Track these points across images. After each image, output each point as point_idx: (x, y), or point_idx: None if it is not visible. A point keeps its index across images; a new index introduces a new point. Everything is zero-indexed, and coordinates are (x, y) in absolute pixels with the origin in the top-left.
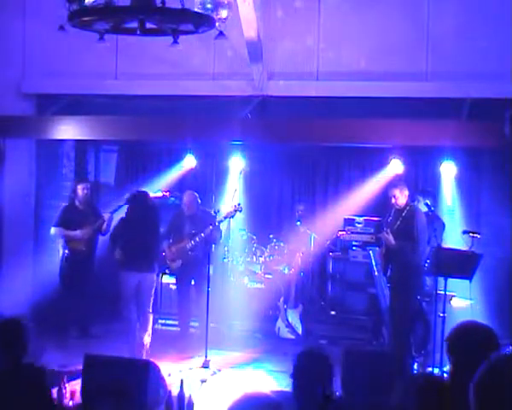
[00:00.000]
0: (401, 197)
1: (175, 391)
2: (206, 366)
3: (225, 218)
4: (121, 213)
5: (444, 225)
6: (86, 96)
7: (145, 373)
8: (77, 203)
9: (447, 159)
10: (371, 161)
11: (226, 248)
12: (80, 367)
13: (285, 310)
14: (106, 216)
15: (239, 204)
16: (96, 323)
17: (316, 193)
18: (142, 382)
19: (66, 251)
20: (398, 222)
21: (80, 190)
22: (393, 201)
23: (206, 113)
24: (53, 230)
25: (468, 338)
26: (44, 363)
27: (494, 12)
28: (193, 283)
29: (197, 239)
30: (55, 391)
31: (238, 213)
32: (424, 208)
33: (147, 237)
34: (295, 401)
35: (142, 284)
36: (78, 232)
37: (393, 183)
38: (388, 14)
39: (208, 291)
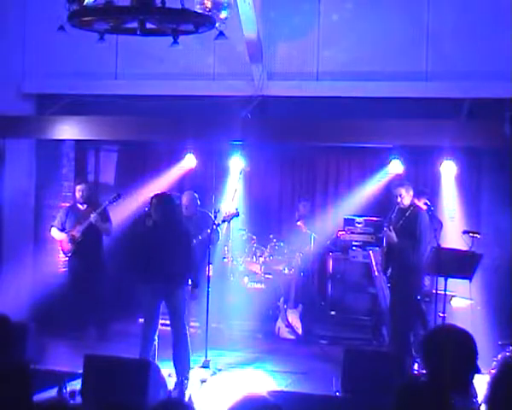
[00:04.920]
0: (406, 197)
1: (175, 391)
2: (206, 366)
3: (223, 221)
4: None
5: (441, 224)
6: (86, 96)
7: (145, 373)
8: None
9: (447, 159)
10: (371, 161)
11: (226, 248)
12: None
13: (285, 310)
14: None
15: (236, 209)
16: (99, 324)
17: (316, 193)
18: (142, 382)
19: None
20: (401, 221)
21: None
22: (399, 200)
23: (206, 113)
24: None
25: (445, 343)
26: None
27: (494, 12)
28: (190, 282)
29: (194, 241)
30: (54, 391)
31: (236, 217)
32: (424, 208)
33: (176, 247)
34: None
35: (170, 302)
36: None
37: (400, 182)
38: (388, 14)
39: (208, 291)
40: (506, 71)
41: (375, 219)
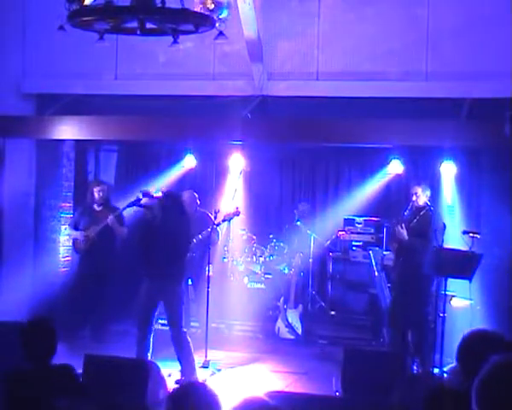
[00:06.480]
0: (422, 196)
1: None
2: (206, 366)
3: (223, 221)
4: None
5: (444, 225)
6: (86, 96)
7: (145, 373)
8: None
9: (447, 159)
10: (371, 161)
11: (226, 248)
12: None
13: (285, 310)
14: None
15: (237, 208)
16: (97, 325)
17: (316, 193)
18: (142, 382)
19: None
20: (415, 220)
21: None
22: (414, 198)
23: (206, 113)
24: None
25: (480, 349)
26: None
27: (494, 12)
28: (190, 283)
29: (194, 241)
30: None
31: (236, 217)
32: None
33: (176, 244)
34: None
35: (165, 299)
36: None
37: (417, 181)
38: (388, 14)
39: (208, 291)
40: (506, 71)
41: (375, 219)
